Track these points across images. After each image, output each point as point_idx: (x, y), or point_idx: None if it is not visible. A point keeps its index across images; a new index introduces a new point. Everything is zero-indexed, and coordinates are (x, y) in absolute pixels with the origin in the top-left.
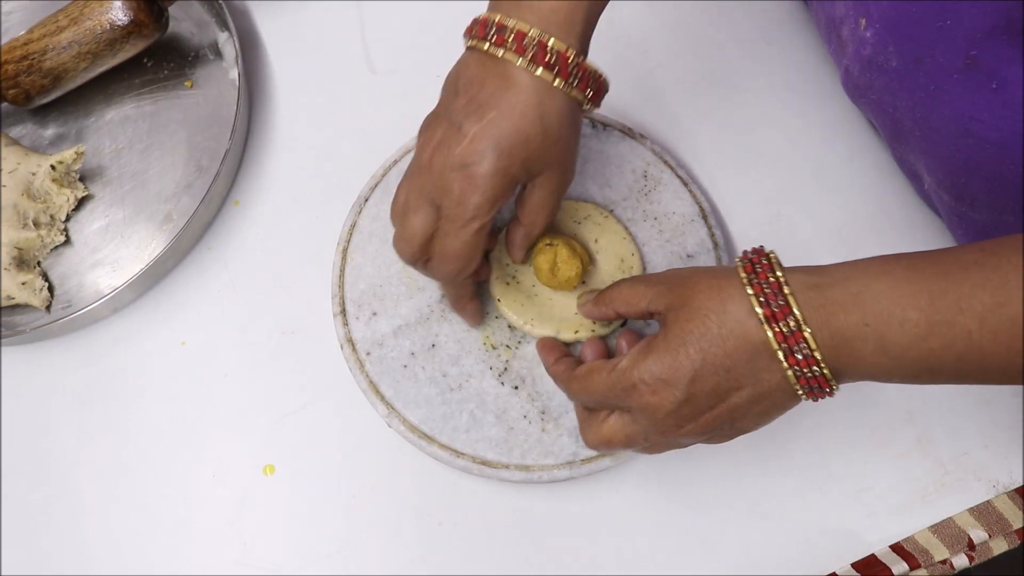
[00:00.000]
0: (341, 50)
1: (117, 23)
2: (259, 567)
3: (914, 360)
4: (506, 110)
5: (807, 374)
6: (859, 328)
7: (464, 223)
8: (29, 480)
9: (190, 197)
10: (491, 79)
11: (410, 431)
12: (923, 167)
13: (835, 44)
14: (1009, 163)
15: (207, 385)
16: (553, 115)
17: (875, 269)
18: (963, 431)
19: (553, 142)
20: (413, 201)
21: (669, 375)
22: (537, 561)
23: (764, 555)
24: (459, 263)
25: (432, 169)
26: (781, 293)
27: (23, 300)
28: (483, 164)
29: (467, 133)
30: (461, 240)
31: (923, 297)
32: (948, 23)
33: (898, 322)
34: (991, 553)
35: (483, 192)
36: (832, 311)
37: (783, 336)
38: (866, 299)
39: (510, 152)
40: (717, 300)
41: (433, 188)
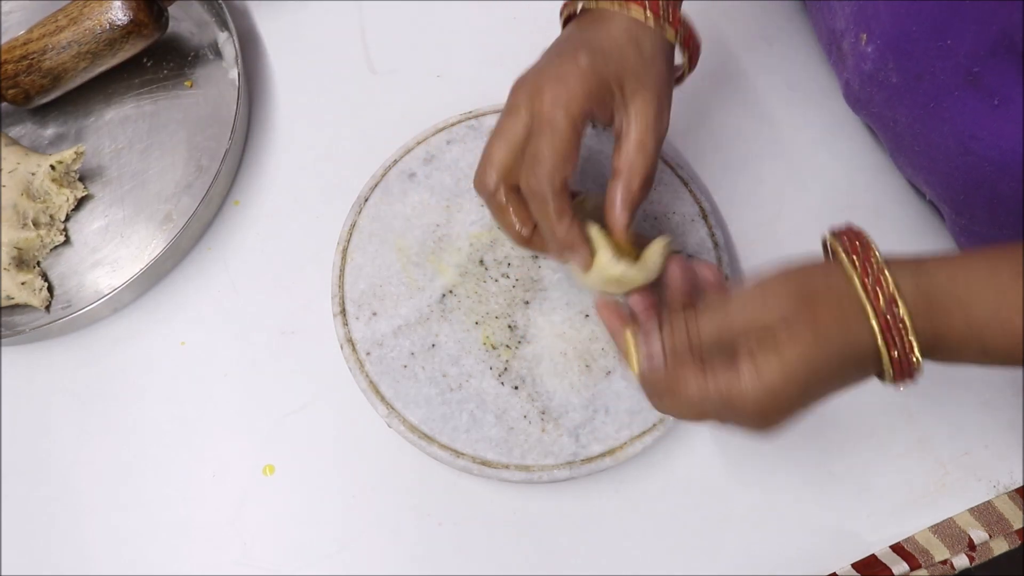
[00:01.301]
0: (341, 50)
1: (117, 23)
2: (259, 567)
3: (1007, 357)
4: (601, 30)
5: (900, 364)
6: (962, 331)
7: (557, 117)
8: (29, 480)
9: (190, 197)
10: (584, 25)
11: (410, 431)
12: (923, 181)
13: (836, 56)
14: (1009, 181)
15: (207, 385)
16: (647, 43)
17: (982, 269)
18: (963, 431)
19: (649, 63)
20: (501, 122)
21: (782, 403)
22: (537, 561)
23: (764, 555)
24: (553, 160)
25: (524, 84)
26: (897, 313)
27: (23, 300)
28: (578, 60)
29: (562, 48)
30: (555, 134)
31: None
32: (949, 42)
33: (1000, 327)
34: (991, 553)
35: (577, 84)
36: (937, 315)
37: (894, 348)
38: (971, 305)
39: (605, 54)
40: (839, 327)
41: (526, 99)
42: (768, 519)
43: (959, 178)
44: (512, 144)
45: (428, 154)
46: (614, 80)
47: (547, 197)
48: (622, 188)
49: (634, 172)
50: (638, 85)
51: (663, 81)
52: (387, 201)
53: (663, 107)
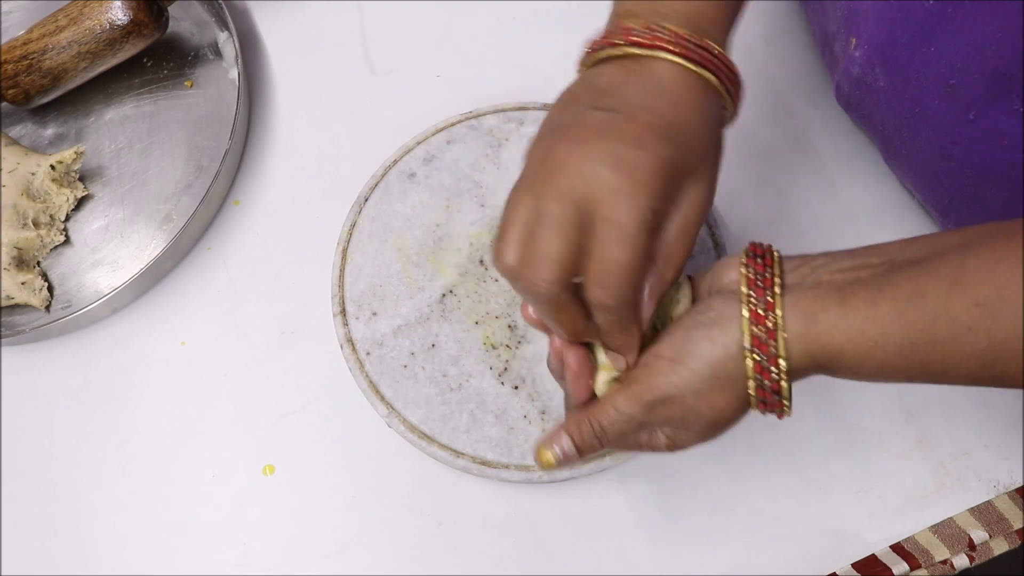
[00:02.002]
0: (341, 50)
1: (117, 23)
2: (259, 567)
3: (876, 380)
4: (672, 101)
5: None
6: (835, 369)
7: (634, 223)
8: (29, 480)
9: (190, 197)
10: (642, 80)
11: (410, 431)
12: (911, 184)
13: (828, 58)
14: (989, 187)
15: (207, 385)
16: (711, 114)
17: (869, 344)
18: (963, 431)
19: (713, 141)
20: (548, 208)
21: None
22: (537, 561)
23: (764, 555)
24: (629, 276)
25: (584, 163)
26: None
27: (23, 300)
28: (653, 148)
29: (633, 120)
30: (632, 245)
31: (914, 368)
32: (932, 49)
33: (885, 378)
34: (992, 553)
35: (656, 184)
36: (821, 370)
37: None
38: (857, 370)
39: (681, 142)
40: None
41: (583, 186)
42: (768, 519)
43: (943, 182)
44: (570, 239)
45: (428, 154)
46: (685, 169)
47: (622, 314)
48: (654, 279)
49: (670, 263)
50: (701, 166)
51: (719, 159)
52: (387, 201)
53: (713, 189)
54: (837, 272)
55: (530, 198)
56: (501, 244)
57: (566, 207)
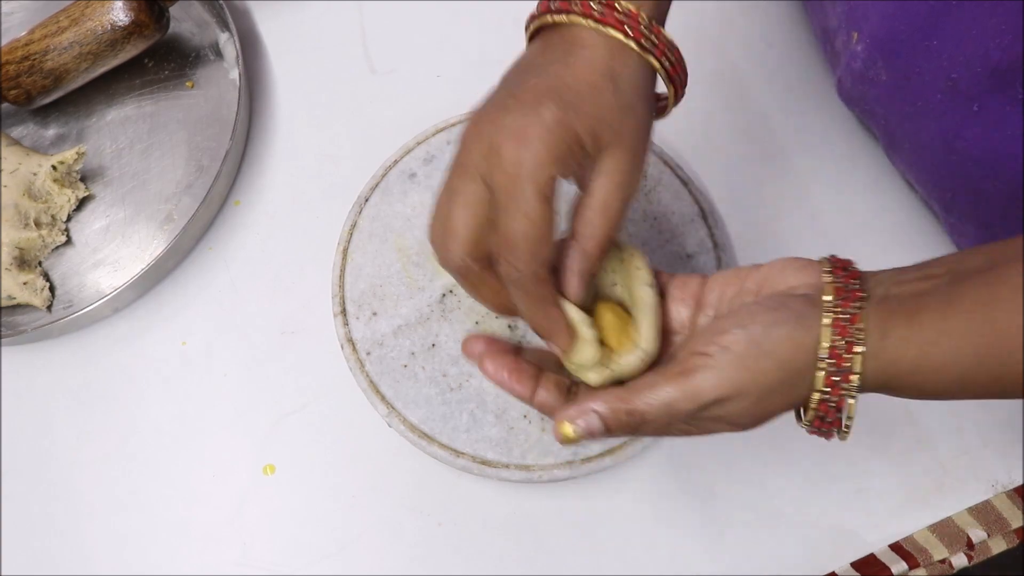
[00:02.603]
0: (341, 50)
1: (118, 24)
2: (259, 567)
3: (947, 398)
4: (573, 64)
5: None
6: (902, 388)
7: (525, 190)
8: (29, 480)
9: (191, 197)
10: (553, 47)
11: (410, 431)
12: (914, 179)
13: (830, 53)
14: (992, 179)
15: (207, 385)
16: (626, 77)
17: (942, 359)
18: (963, 431)
19: (628, 107)
20: (455, 184)
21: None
22: (537, 561)
23: (764, 555)
24: (528, 245)
25: (479, 138)
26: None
27: (24, 300)
28: (542, 113)
29: (525, 88)
30: (524, 212)
31: (986, 380)
32: (934, 43)
33: (946, 379)
34: (990, 552)
35: (543, 145)
36: (889, 390)
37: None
38: (927, 388)
39: (576, 102)
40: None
41: (480, 160)
42: (768, 519)
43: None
44: (476, 213)
45: (428, 154)
46: (587, 133)
47: (527, 286)
48: (578, 255)
49: (593, 238)
50: (613, 137)
51: (642, 128)
52: (387, 201)
53: (638, 161)
54: (903, 284)
55: (448, 178)
56: (430, 223)
57: (471, 182)
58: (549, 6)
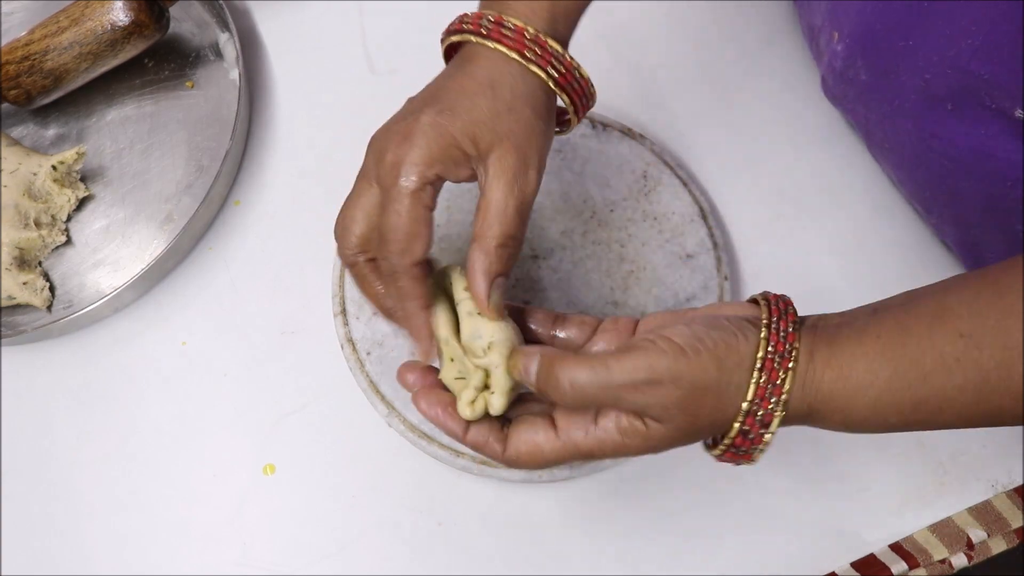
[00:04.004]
0: (341, 50)
1: (118, 24)
2: (259, 567)
3: (871, 426)
4: (456, 77)
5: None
6: (838, 428)
7: (399, 188)
8: (29, 480)
9: (191, 197)
10: (451, 65)
11: (410, 431)
12: (896, 179)
13: (815, 52)
14: (968, 180)
15: (207, 385)
16: (505, 84)
17: (860, 379)
18: (962, 431)
19: (505, 110)
20: (355, 187)
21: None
22: (537, 561)
23: (764, 555)
24: (398, 238)
25: (373, 145)
26: (768, 424)
27: (24, 300)
28: (420, 118)
29: (413, 100)
30: (396, 210)
31: (906, 405)
32: (910, 43)
33: (878, 424)
34: (990, 552)
35: (417, 147)
36: (813, 420)
37: (745, 434)
38: (849, 412)
39: (451, 108)
40: (712, 417)
41: (372, 165)
42: (768, 519)
43: (923, 176)
44: (366, 212)
45: None
46: (464, 136)
47: (398, 281)
48: (479, 254)
49: (491, 237)
50: (493, 138)
51: (527, 130)
52: None
53: (526, 161)
54: (830, 318)
55: (354, 183)
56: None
57: (366, 186)
58: (449, 27)
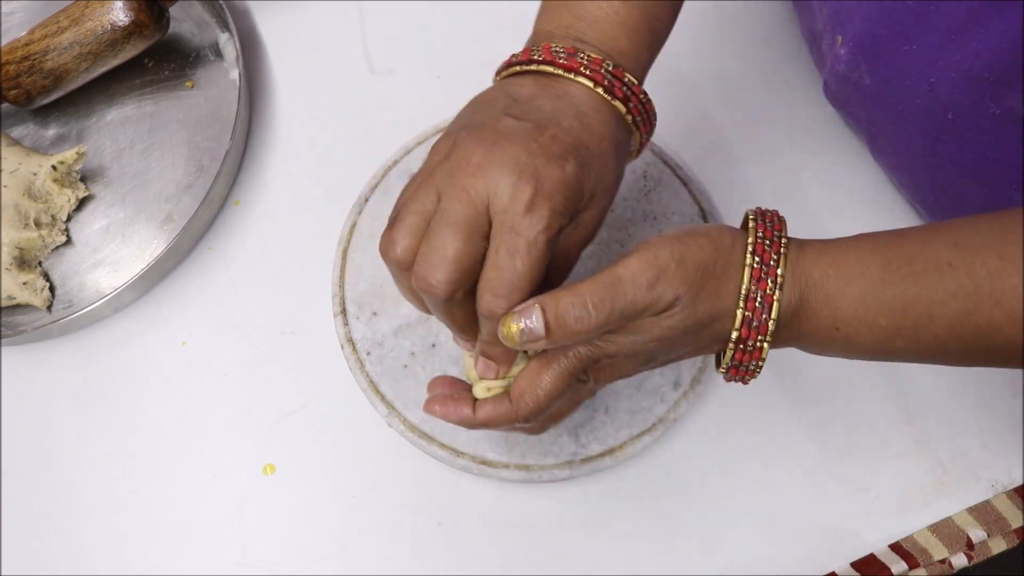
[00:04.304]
0: (341, 50)
1: (118, 24)
2: (259, 567)
3: (876, 354)
4: (588, 124)
5: (748, 348)
6: (828, 331)
7: (536, 234)
8: (29, 480)
9: (191, 197)
10: (558, 98)
11: (410, 431)
12: (898, 182)
13: (817, 56)
14: (972, 184)
15: (207, 385)
16: (621, 145)
17: (851, 269)
18: (963, 431)
19: (619, 173)
20: (452, 207)
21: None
22: (537, 561)
23: (764, 555)
24: (525, 289)
25: (491, 168)
26: (767, 314)
27: (24, 300)
28: (566, 168)
29: (544, 131)
30: (532, 256)
31: (896, 303)
32: (914, 47)
33: (867, 326)
34: (990, 552)
35: (562, 198)
36: (805, 312)
37: (749, 323)
38: (839, 304)
39: (590, 164)
40: (714, 299)
41: (488, 191)
42: (768, 519)
43: (927, 179)
44: (473, 243)
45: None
46: (590, 192)
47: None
48: (548, 300)
49: (550, 283)
50: (599, 193)
51: (618, 186)
52: (387, 201)
53: (605, 216)
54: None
55: (429, 193)
56: (394, 233)
57: (467, 207)
58: (549, 56)
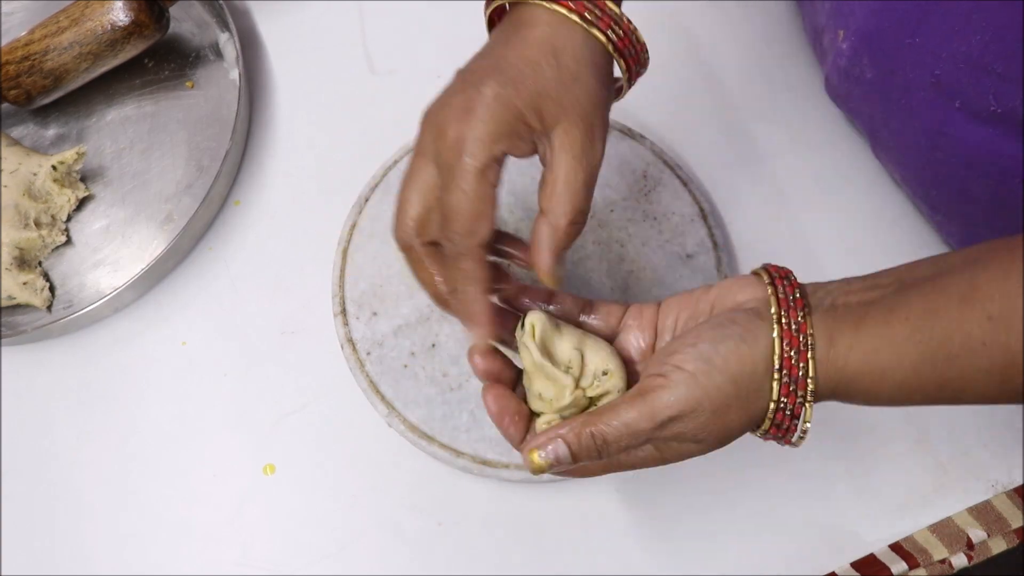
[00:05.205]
0: (341, 50)
1: (118, 24)
2: (259, 567)
3: (895, 404)
4: (514, 43)
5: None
6: (851, 394)
7: (463, 166)
8: (29, 480)
9: (191, 197)
10: (503, 30)
11: (410, 431)
12: (900, 177)
13: (818, 51)
14: (977, 178)
15: (207, 385)
16: (568, 50)
17: (886, 362)
18: (963, 431)
19: (571, 80)
20: (411, 167)
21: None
22: (537, 561)
23: (764, 555)
24: (464, 218)
25: (429, 121)
26: (800, 414)
27: (24, 300)
28: (483, 91)
29: (470, 70)
30: (461, 188)
31: (930, 388)
32: (917, 40)
33: (900, 403)
34: (990, 552)
35: (482, 122)
36: (838, 396)
37: (779, 425)
38: (872, 396)
39: (515, 79)
40: (747, 417)
41: (430, 143)
42: (768, 519)
43: (929, 174)
44: (424, 193)
45: None
46: (528, 108)
47: (462, 262)
48: (548, 230)
49: (561, 211)
50: (558, 110)
51: (592, 100)
52: (388, 201)
53: (593, 132)
54: (851, 294)
55: (409, 163)
56: (398, 212)
57: (424, 165)
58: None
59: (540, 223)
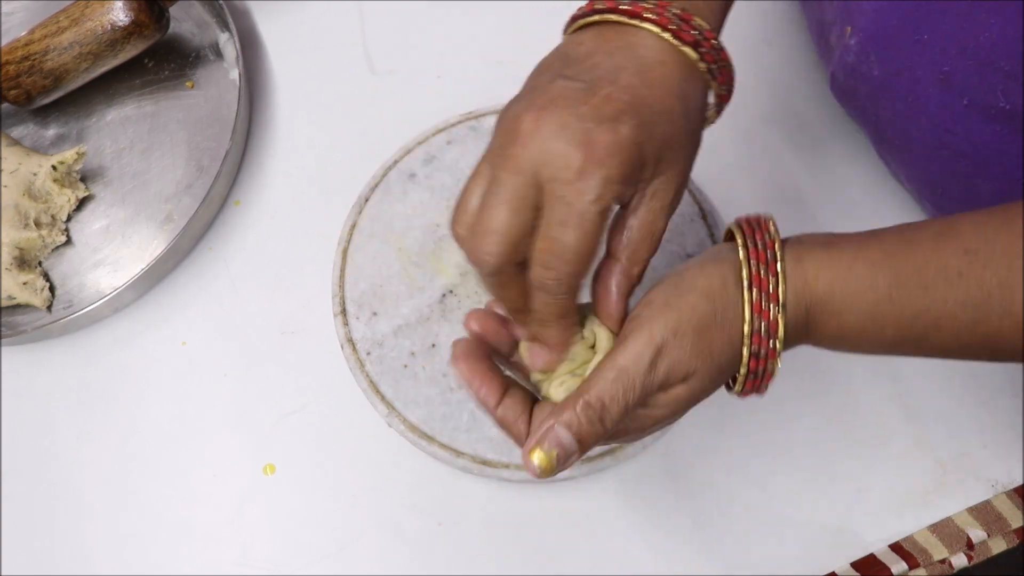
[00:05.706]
0: (341, 50)
1: (118, 24)
2: (259, 567)
3: (878, 354)
4: (649, 79)
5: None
6: (833, 340)
7: (587, 206)
8: (29, 480)
9: (191, 197)
10: (618, 52)
11: (410, 431)
12: (904, 176)
13: (824, 48)
14: (982, 175)
15: (207, 385)
16: (693, 99)
17: (858, 283)
18: (963, 431)
19: (692, 131)
20: (501, 178)
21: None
22: (537, 561)
23: (764, 555)
24: (577, 259)
25: (539, 134)
26: (774, 342)
27: (24, 300)
28: (620, 129)
29: (597, 91)
30: (583, 229)
31: (904, 316)
32: (925, 37)
33: (873, 336)
34: (990, 552)
35: (617, 164)
36: (812, 325)
37: (756, 354)
38: (845, 318)
39: (651, 124)
40: (728, 352)
41: (538, 158)
42: (767, 519)
43: (935, 172)
44: (519, 212)
45: (428, 155)
46: (653, 157)
47: (560, 298)
48: (623, 277)
49: (636, 259)
50: (673, 162)
51: (695, 151)
52: (387, 201)
53: (685, 183)
54: (818, 236)
55: (486, 167)
56: (456, 212)
57: (517, 179)
58: (616, 5)
59: (613, 269)
